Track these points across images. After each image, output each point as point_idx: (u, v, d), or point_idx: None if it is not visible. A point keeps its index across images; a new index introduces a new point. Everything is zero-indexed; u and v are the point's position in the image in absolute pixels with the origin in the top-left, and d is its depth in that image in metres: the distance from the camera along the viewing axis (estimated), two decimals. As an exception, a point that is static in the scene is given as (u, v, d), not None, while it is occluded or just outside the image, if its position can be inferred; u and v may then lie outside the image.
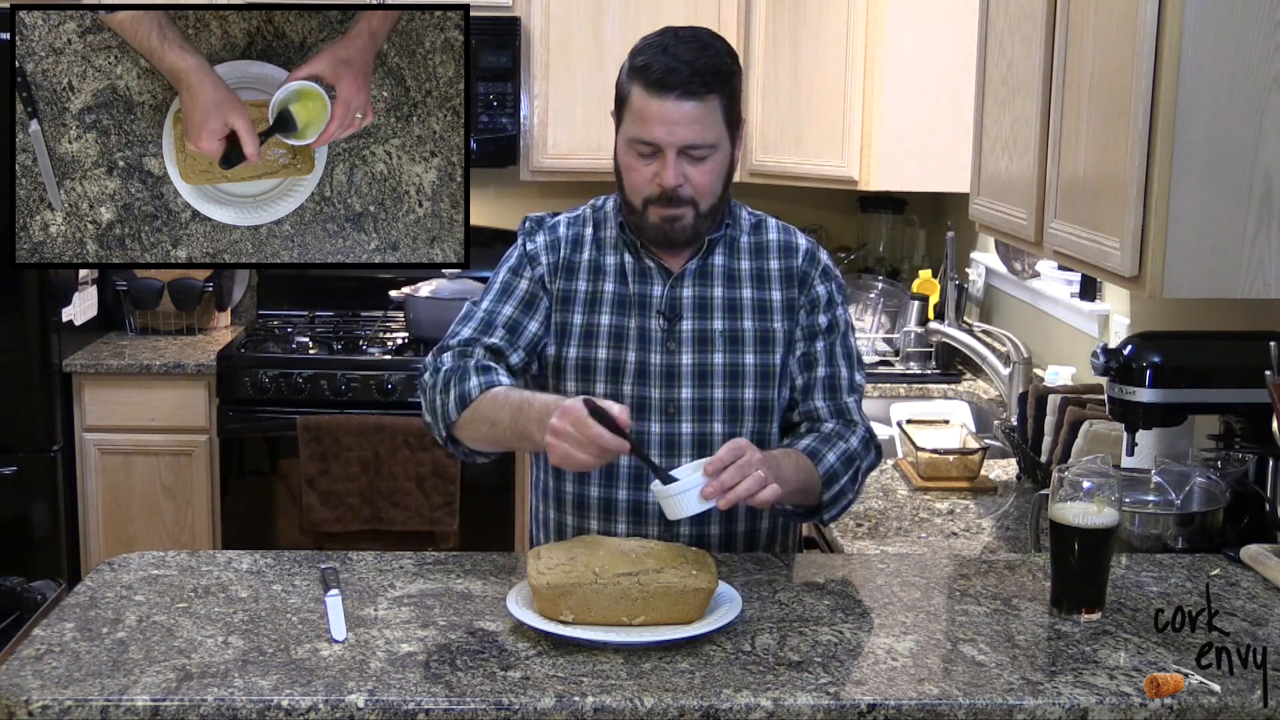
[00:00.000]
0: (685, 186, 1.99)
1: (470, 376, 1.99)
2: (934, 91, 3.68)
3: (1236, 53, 1.92)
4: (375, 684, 1.58)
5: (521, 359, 2.08)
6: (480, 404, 1.97)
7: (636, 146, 1.99)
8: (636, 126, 1.98)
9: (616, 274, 2.10)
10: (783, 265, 2.13)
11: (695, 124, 1.95)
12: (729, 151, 2.03)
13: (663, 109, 1.95)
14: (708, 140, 1.97)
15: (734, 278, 2.11)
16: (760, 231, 2.15)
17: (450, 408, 1.99)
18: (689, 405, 2.06)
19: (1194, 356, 2.22)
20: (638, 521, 2.07)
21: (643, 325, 2.07)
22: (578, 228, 2.14)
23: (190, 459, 3.97)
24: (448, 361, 2.05)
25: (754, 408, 2.08)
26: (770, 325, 2.10)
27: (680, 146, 1.96)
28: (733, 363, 2.08)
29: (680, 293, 2.09)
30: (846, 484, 2.06)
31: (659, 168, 1.98)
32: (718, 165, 2.01)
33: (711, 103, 1.97)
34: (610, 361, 2.07)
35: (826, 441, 2.06)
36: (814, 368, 2.11)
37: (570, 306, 2.10)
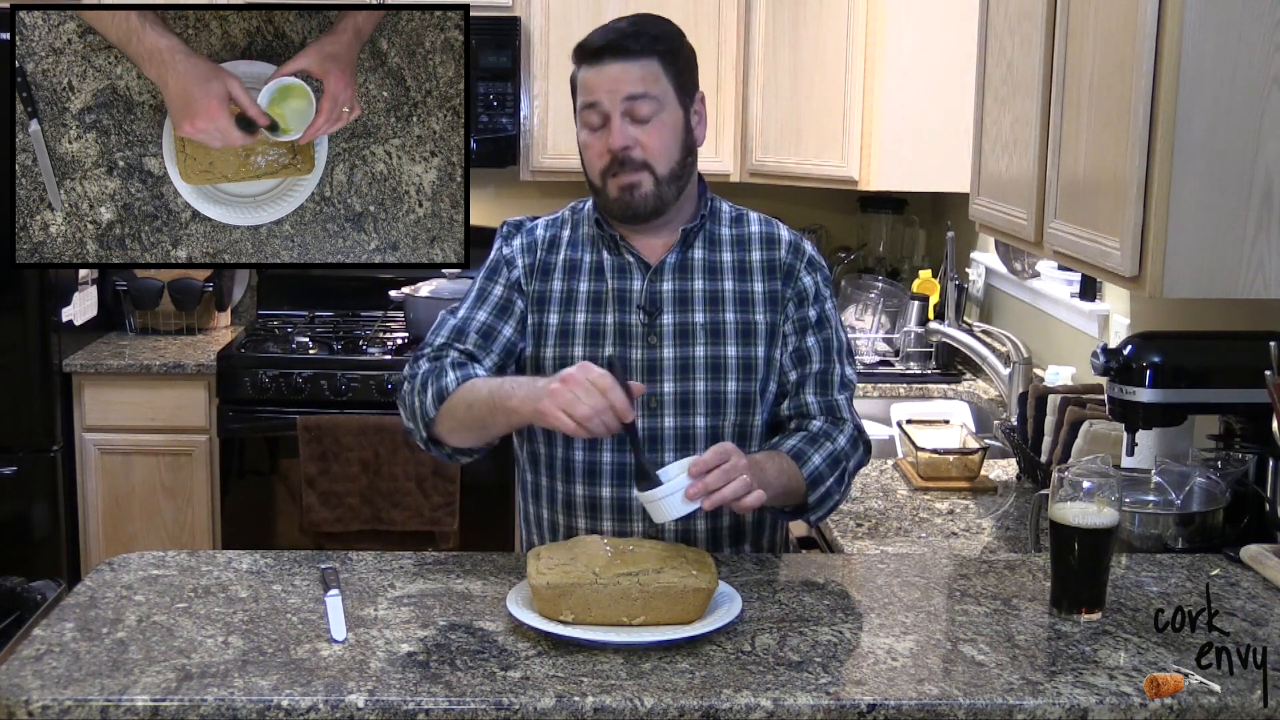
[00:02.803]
0: (635, 149, 2.01)
1: (447, 373, 2.01)
2: (934, 91, 3.68)
3: (1236, 53, 1.92)
4: (375, 684, 1.58)
5: (495, 363, 2.08)
6: (458, 393, 1.98)
7: (586, 118, 2.03)
8: (582, 97, 2.03)
9: (593, 271, 2.10)
10: (765, 257, 2.12)
11: (633, 80, 1.99)
12: (679, 116, 2.04)
13: (600, 73, 2.00)
14: (649, 91, 2.00)
15: (715, 270, 2.10)
16: (741, 224, 2.15)
17: (428, 404, 2.00)
18: (671, 399, 2.06)
19: (1194, 356, 2.22)
20: (622, 519, 2.07)
21: (622, 321, 2.07)
22: (555, 229, 2.15)
23: (190, 459, 3.97)
24: (424, 366, 2.07)
25: (736, 400, 2.08)
26: (752, 317, 2.09)
27: (622, 99, 1.99)
28: (714, 355, 2.07)
29: (660, 286, 2.08)
30: (832, 485, 2.06)
31: (607, 135, 2.01)
32: (667, 126, 2.02)
33: (650, 63, 2.00)
34: (587, 359, 2.04)
35: (813, 442, 2.05)
36: (806, 363, 2.11)
37: (546, 307, 2.10)
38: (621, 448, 2.05)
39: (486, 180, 4.42)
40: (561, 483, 2.10)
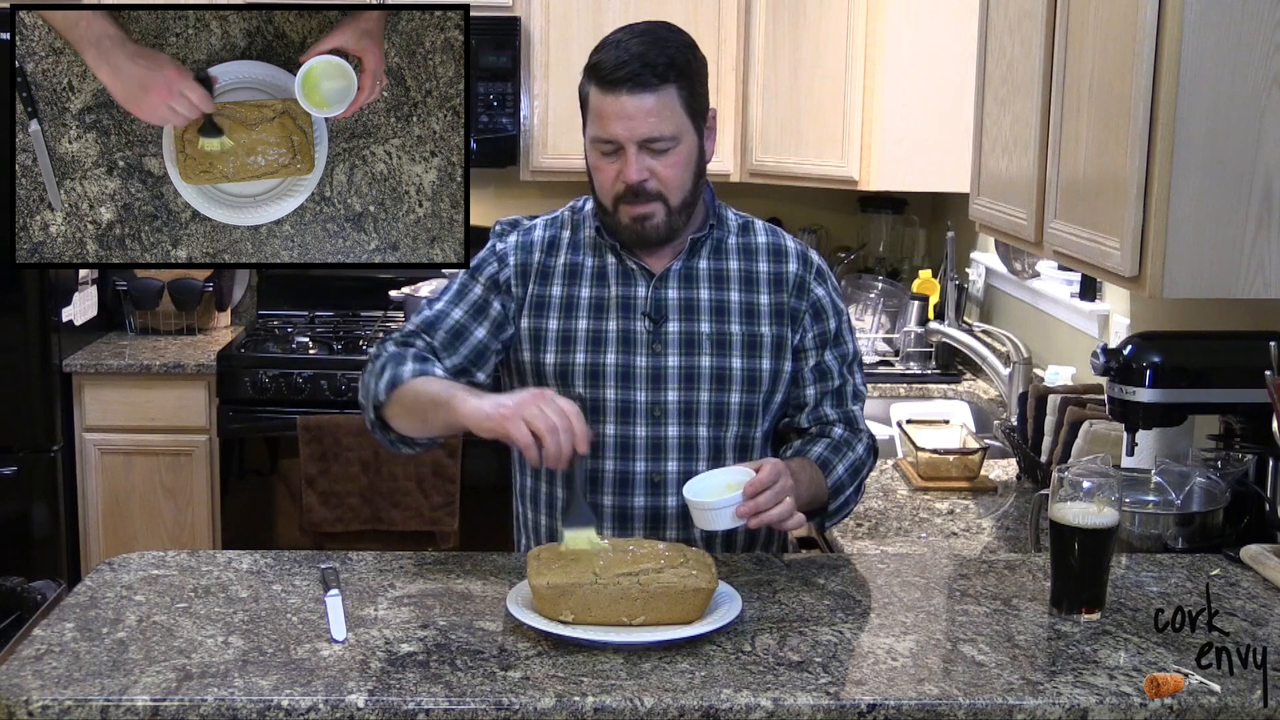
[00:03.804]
0: (651, 181, 1.98)
1: (407, 362, 2.00)
2: (934, 91, 3.68)
3: (1236, 53, 1.92)
4: (375, 684, 1.58)
5: (459, 364, 2.06)
6: (412, 383, 1.97)
7: (599, 146, 1.99)
8: (596, 126, 1.98)
9: (595, 276, 2.08)
10: (772, 269, 2.11)
11: (651, 116, 1.94)
12: (694, 143, 2.01)
13: (618, 104, 1.94)
14: (666, 132, 1.96)
15: (721, 280, 2.09)
16: (748, 233, 2.13)
17: (381, 388, 1.99)
18: (675, 408, 2.05)
19: (1194, 356, 2.22)
20: (622, 528, 2.07)
21: (625, 328, 2.06)
22: (554, 230, 2.13)
23: (190, 459, 3.97)
24: (389, 349, 2.06)
25: (740, 412, 2.07)
26: (758, 329, 2.08)
27: (639, 140, 1.95)
28: (719, 366, 2.06)
29: (665, 294, 2.07)
30: (852, 494, 2.10)
31: (622, 165, 1.97)
32: (682, 157, 1.99)
33: (667, 94, 1.95)
34: (589, 366, 2.05)
35: (837, 451, 2.08)
36: (827, 379, 2.11)
37: (545, 312, 2.08)
38: (624, 456, 2.04)
39: (486, 180, 4.42)
40: (561, 489, 2.10)
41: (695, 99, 2.00)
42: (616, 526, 2.07)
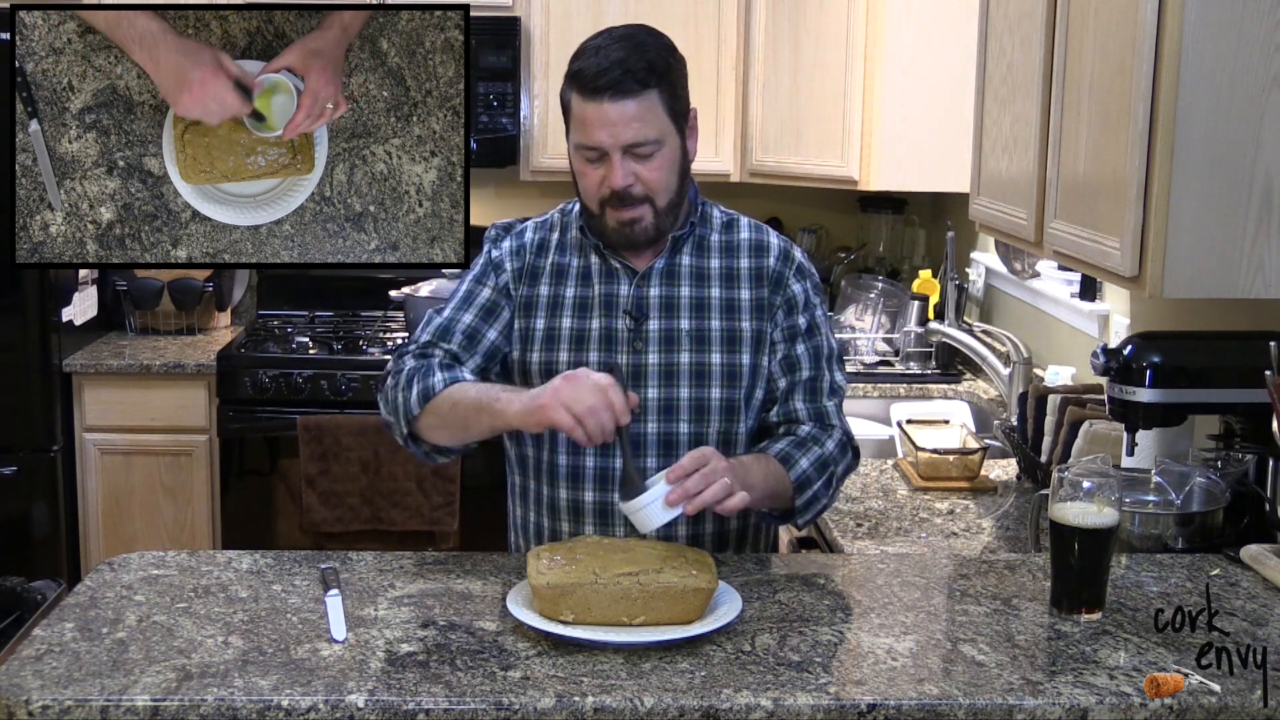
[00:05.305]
0: (636, 185, 1.99)
1: (435, 372, 2.01)
2: (934, 91, 3.68)
3: (1236, 53, 1.92)
4: (375, 684, 1.58)
5: (478, 366, 2.08)
6: (445, 393, 1.98)
7: (583, 152, 2.00)
8: (580, 133, 1.99)
9: (580, 276, 2.09)
10: (753, 264, 2.11)
11: (635, 122, 1.95)
12: (677, 144, 2.02)
13: (600, 112, 1.95)
14: (650, 136, 1.97)
15: (702, 277, 2.10)
16: (732, 230, 2.14)
17: (413, 401, 2.00)
18: (655, 405, 2.05)
19: (1194, 356, 2.22)
20: (604, 524, 2.07)
21: (608, 326, 2.07)
22: (544, 232, 2.15)
23: (190, 459, 3.97)
24: (409, 362, 2.06)
25: (720, 407, 2.07)
26: (738, 325, 2.08)
27: (623, 146, 1.96)
28: (698, 362, 2.06)
29: (647, 292, 2.08)
30: (820, 489, 2.06)
31: (607, 171, 1.98)
32: (666, 160, 2.00)
33: (649, 98, 1.96)
34: (573, 364, 2.04)
35: (801, 446, 2.05)
36: (796, 371, 2.10)
37: (533, 311, 2.10)
38: (605, 452, 2.05)
39: (486, 180, 4.42)
40: (546, 486, 2.10)
41: (676, 100, 2.01)
42: (598, 523, 2.07)
